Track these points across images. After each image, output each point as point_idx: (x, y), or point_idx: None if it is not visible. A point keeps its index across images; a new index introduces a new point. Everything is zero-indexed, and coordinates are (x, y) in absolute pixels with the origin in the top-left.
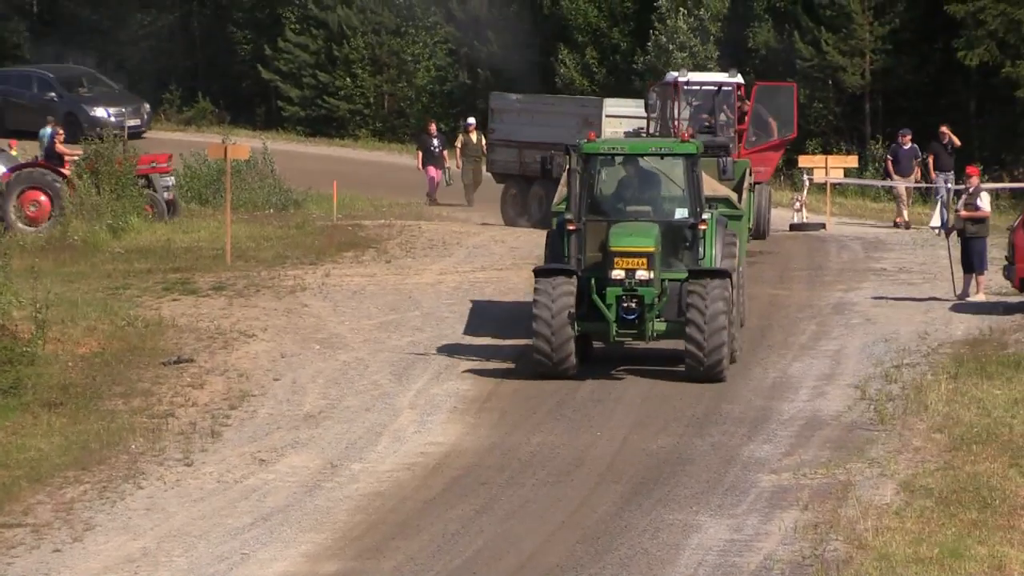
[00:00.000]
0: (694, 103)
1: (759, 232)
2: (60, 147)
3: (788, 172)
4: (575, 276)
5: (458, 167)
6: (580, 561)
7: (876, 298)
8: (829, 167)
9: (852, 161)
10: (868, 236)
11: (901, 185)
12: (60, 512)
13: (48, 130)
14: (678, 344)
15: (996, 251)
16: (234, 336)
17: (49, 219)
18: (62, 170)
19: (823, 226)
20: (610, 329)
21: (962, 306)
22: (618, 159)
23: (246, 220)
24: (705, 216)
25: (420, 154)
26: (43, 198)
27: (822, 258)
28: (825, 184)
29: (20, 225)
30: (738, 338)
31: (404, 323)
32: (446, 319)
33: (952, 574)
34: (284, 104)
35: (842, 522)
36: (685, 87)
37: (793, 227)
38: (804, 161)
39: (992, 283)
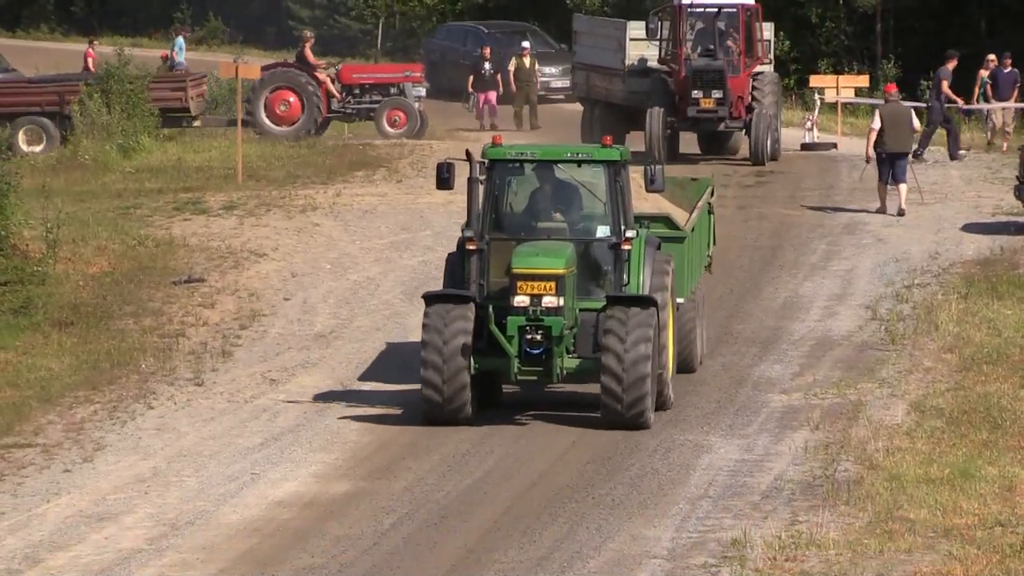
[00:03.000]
0: (698, 27)
1: (764, 155)
2: (309, 54)
3: (799, 92)
4: (473, 304)
5: (513, 92)
6: (591, 481)
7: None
8: (840, 86)
9: (863, 80)
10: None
11: (1000, 108)
12: (70, 432)
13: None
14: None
15: (1008, 171)
16: (245, 256)
17: (297, 121)
18: (317, 74)
19: (835, 146)
20: (510, 366)
21: (972, 226)
22: (528, 167)
23: (257, 139)
24: (630, 234)
25: (471, 78)
26: (293, 98)
27: (833, 178)
28: (836, 104)
29: (268, 124)
30: (669, 384)
31: (415, 243)
32: (457, 238)
33: (962, 494)
34: (295, 24)
35: (853, 442)
36: (689, 10)
37: (804, 147)
38: (815, 81)
39: (1003, 203)
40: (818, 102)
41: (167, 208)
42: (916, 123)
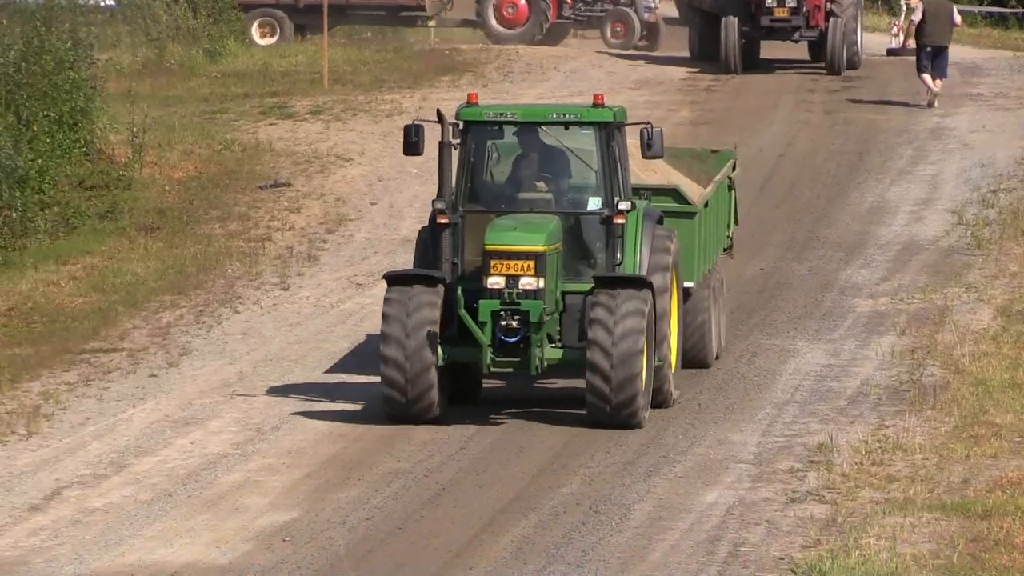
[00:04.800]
0: None
1: (840, 65)
2: None
3: None
4: (442, 285)
5: None
6: (676, 386)
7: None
8: None
9: None
10: (965, 61)
11: None
12: (156, 337)
13: None
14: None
15: None
16: (331, 160)
17: (523, 25)
18: None
19: None
20: (483, 355)
21: None
22: (509, 130)
23: (343, 44)
24: (625, 207)
25: None
26: (522, 2)
27: (919, 83)
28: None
29: (496, 26)
30: (671, 379)
31: None
32: None
33: None
34: None
35: (939, 347)
36: None
37: (890, 52)
38: None
39: None
40: (904, 7)
41: (253, 113)
42: (957, 18)
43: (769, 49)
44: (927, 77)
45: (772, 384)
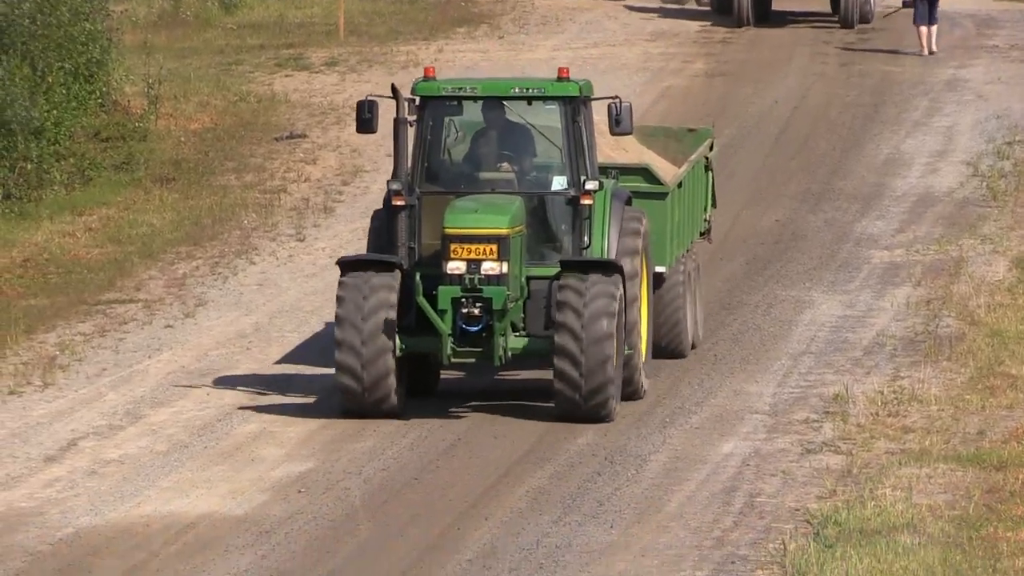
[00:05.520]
0: None
1: (853, 18)
2: None
3: None
4: (399, 271)
5: None
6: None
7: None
8: None
9: None
10: (980, 13)
11: None
12: (172, 288)
13: None
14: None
15: None
16: (347, 112)
17: None
18: None
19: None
20: (443, 345)
21: None
22: (468, 105)
23: None
24: (592, 186)
25: None
26: None
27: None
28: None
29: None
30: (641, 369)
31: None
32: None
33: None
34: None
35: (954, 298)
36: None
37: (906, 4)
38: None
39: None
40: None
41: (269, 64)
42: None
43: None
44: (923, 29)
45: (788, 335)
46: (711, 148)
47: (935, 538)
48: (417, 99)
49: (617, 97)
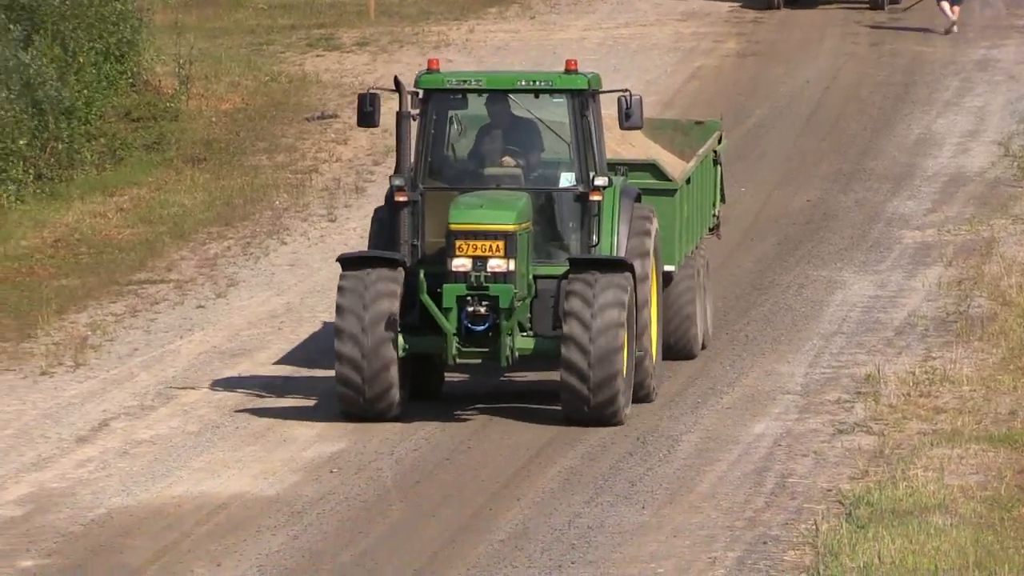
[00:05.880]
0: None
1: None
2: None
3: None
4: (402, 269)
5: None
6: (725, 317)
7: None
8: None
9: None
10: None
11: None
12: (203, 268)
13: None
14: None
15: None
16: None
17: None
18: None
19: None
20: (448, 345)
21: None
22: (473, 99)
23: None
24: (601, 182)
25: None
26: None
27: (965, 15)
28: None
29: None
30: (653, 373)
31: None
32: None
33: None
34: None
35: (986, 278)
36: None
37: None
38: None
39: None
40: None
41: (300, 44)
42: None
43: None
44: (945, 5)
45: (819, 315)
46: (719, 141)
47: (967, 519)
48: (420, 92)
49: (627, 90)
